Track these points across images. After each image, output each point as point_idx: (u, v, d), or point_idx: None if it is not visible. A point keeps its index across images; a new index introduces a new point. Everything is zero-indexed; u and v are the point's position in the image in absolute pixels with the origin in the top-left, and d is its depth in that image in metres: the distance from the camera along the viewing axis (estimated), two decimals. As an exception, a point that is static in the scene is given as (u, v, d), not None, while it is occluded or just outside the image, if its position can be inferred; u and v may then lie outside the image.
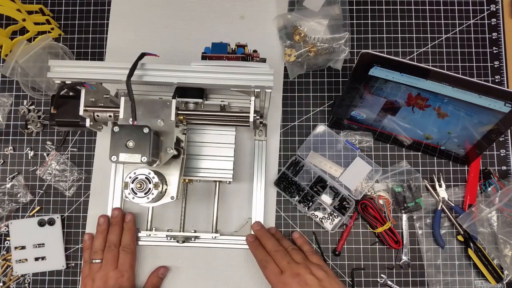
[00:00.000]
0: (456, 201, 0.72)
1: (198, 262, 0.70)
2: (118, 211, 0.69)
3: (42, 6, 0.74)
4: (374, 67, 0.61)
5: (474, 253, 0.69)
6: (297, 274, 0.57)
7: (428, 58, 0.76)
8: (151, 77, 0.53)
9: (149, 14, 0.77)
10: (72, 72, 0.53)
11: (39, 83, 0.72)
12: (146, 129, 0.51)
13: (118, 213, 0.69)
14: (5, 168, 0.74)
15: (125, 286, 0.63)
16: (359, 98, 0.68)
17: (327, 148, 0.73)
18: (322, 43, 0.71)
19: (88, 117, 0.58)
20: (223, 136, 0.68)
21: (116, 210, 0.69)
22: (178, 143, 0.59)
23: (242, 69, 0.53)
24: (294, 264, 0.59)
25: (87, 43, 0.77)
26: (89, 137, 0.74)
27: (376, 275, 0.70)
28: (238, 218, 0.71)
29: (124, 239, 0.66)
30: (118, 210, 0.69)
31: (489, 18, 0.76)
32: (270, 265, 0.60)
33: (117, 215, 0.68)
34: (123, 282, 0.63)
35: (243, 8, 0.77)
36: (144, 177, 0.55)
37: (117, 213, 0.69)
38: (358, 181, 0.71)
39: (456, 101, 0.61)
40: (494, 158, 0.73)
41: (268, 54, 0.65)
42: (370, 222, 0.70)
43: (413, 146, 0.73)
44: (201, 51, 0.60)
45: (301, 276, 0.57)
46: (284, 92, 0.75)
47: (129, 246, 0.66)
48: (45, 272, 0.71)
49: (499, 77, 0.75)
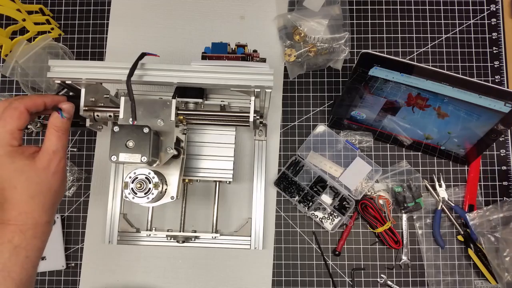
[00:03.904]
0: (456, 201, 0.72)
1: (198, 262, 0.70)
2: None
3: (42, 6, 0.74)
4: (374, 67, 0.61)
5: (474, 253, 0.69)
6: None
7: (428, 58, 0.76)
8: (151, 77, 0.53)
9: (149, 14, 0.77)
10: (72, 72, 0.53)
11: (39, 83, 0.72)
12: (146, 129, 0.51)
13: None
14: (5, 168, 0.73)
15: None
16: (359, 98, 0.68)
17: (327, 148, 0.73)
18: (322, 43, 0.71)
19: (88, 117, 0.58)
20: (223, 136, 0.68)
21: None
22: (178, 143, 0.59)
23: (242, 69, 0.53)
24: None
25: (87, 43, 0.77)
26: (89, 137, 0.74)
27: (376, 275, 0.70)
28: (238, 218, 0.71)
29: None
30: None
31: (489, 18, 0.76)
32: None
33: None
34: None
35: (243, 8, 0.77)
36: (144, 177, 0.55)
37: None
38: (358, 181, 0.71)
39: (456, 101, 0.61)
40: (494, 158, 0.73)
41: (268, 54, 0.65)
42: (370, 222, 0.70)
43: (413, 146, 0.73)
44: (201, 51, 0.60)
45: None
46: (284, 92, 0.75)
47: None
48: (45, 272, 0.71)
49: (499, 77, 0.75)
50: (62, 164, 0.47)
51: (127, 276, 0.71)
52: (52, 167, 0.45)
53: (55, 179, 0.46)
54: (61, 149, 0.47)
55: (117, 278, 0.71)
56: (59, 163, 0.46)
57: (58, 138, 0.47)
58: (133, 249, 0.71)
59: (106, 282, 0.70)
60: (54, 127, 0.47)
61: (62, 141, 0.47)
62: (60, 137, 0.47)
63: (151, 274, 0.71)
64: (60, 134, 0.47)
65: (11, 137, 0.44)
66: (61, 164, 0.47)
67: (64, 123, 0.48)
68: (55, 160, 0.46)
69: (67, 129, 0.49)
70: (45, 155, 0.45)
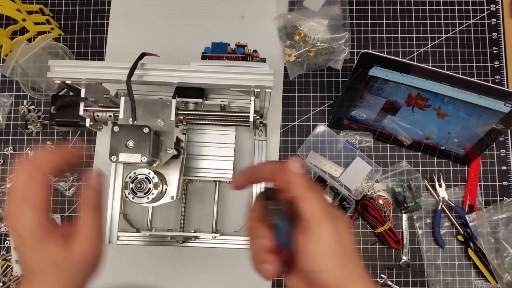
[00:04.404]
0: (456, 201, 0.72)
1: (198, 262, 0.70)
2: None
3: (42, 6, 0.74)
4: (374, 67, 0.61)
5: (474, 253, 0.69)
6: None
7: (428, 58, 0.76)
8: (151, 77, 0.53)
9: (149, 14, 0.77)
10: (72, 72, 0.53)
11: (39, 83, 0.72)
12: (146, 129, 0.51)
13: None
14: (5, 168, 0.74)
15: None
16: (359, 98, 0.67)
17: (327, 148, 0.73)
18: (322, 43, 0.71)
19: (88, 117, 0.58)
20: (223, 136, 0.68)
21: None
22: (178, 143, 0.59)
23: (242, 69, 0.53)
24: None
25: (87, 43, 0.77)
26: (89, 137, 0.74)
27: (376, 275, 0.70)
28: (238, 218, 0.71)
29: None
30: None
31: (489, 18, 0.76)
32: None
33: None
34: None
35: (243, 8, 0.77)
36: (144, 177, 0.55)
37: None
38: (358, 181, 0.71)
39: (456, 101, 0.61)
40: (494, 158, 0.73)
41: (268, 54, 0.65)
42: (370, 222, 0.70)
43: (413, 146, 0.73)
44: (201, 51, 0.60)
45: None
46: (284, 92, 0.75)
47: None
48: (45, 272, 0.71)
49: (499, 77, 0.75)
50: (100, 246, 0.39)
51: (127, 276, 0.71)
52: (88, 255, 0.38)
53: (92, 266, 0.39)
54: (98, 235, 0.39)
55: (117, 278, 0.70)
56: (97, 248, 0.39)
57: (94, 219, 0.40)
58: (133, 249, 0.71)
59: (106, 282, 0.70)
60: (89, 204, 0.40)
61: (98, 221, 0.40)
62: (96, 217, 0.40)
63: (151, 274, 0.70)
64: (96, 213, 0.40)
65: (38, 218, 0.36)
66: (99, 247, 0.39)
67: (99, 200, 0.40)
68: (92, 246, 0.38)
69: (101, 205, 0.41)
70: (81, 243, 0.38)
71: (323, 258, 0.32)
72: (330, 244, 0.32)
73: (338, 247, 0.32)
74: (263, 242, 0.35)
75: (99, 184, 0.40)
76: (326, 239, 0.32)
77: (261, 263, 0.36)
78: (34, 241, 0.35)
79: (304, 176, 0.34)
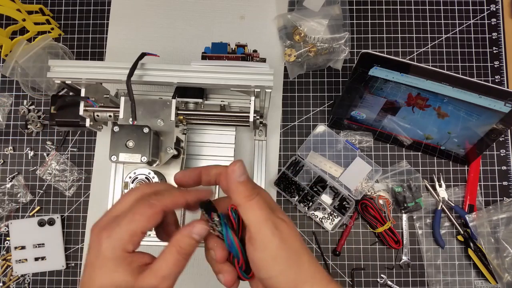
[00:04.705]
0: (456, 201, 0.72)
1: (198, 262, 0.70)
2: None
3: (42, 6, 0.74)
4: (374, 67, 0.61)
5: (474, 253, 0.69)
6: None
7: (428, 58, 0.76)
8: (151, 77, 0.53)
9: (149, 14, 0.77)
10: (72, 72, 0.53)
11: (39, 83, 0.72)
12: (146, 129, 0.51)
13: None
14: (5, 168, 0.74)
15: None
16: (359, 98, 0.68)
17: (327, 148, 0.73)
18: (322, 43, 0.71)
19: (88, 117, 0.58)
20: (223, 136, 0.68)
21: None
22: (178, 143, 0.59)
23: (242, 69, 0.53)
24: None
25: (87, 43, 0.77)
26: (89, 137, 0.74)
27: (376, 275, 0.70)
28: (238, 218, 0.71)
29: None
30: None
31: (489, 18, 0.76)
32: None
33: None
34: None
35: (243, 8, 0.77)
36: (144, 177, 0.55)
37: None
38: (358, 181, 0.71)
39: (456, 101, 0.61)
40: (494, 158, 0.73)
41: (268, 54, 0.65)
42: (370, 222, 0.70)
43: (413, 146, 0.73)
44: (201, 51, 0.60)
45: None
46: (284, 92, 0.75)
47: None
48: (45, 272, 0.71)
49: (499, 77, 0.75)
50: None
51: (127, 276, 0.70)
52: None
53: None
54: (173, 277, 0.36)
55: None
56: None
57: (176, 262, 0.36)
58: (133, 249, 0.71)
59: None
60: (178, 247, 0.36)
61: (179, 267, 0.36)
62: (180, 262, 0.36)
63: (151, 274, 0.70)
64: (181, 258, 0.36)
65: (129, 240, 0.35)
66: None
67: (191, 247, 0.37)
68: (160, 284, 0.35)
69: (190, 254, 0.37)
70: (152, 278, 0.35)
71: (270, 265, 0.32)
72: (275, 250, 0.32)
73: (284, 252, 0.32)
74: (212, 254, 0.36)
75: (201, 236, 0.37)
76: (270, 246, 0.32)
77: (217, 274, 0.36)
78: (110, 260, 0.34)
79: (244, 183, 0.33)
